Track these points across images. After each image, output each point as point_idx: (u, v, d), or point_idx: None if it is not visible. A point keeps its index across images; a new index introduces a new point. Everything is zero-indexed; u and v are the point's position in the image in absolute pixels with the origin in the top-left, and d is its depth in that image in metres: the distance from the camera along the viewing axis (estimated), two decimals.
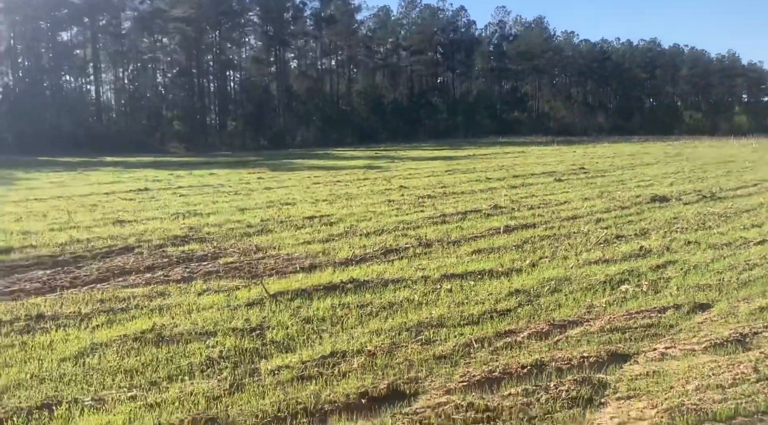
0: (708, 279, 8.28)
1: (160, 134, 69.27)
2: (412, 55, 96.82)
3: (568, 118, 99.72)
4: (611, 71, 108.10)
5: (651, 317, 6.75)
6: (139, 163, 40.72)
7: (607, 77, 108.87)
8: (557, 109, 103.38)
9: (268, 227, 12.97)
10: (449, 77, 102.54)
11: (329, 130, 78.22)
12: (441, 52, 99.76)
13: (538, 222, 13.07)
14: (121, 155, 50.49)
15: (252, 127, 76.63)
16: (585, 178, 23.58)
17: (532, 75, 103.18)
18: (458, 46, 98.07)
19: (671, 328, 6.48)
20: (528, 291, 7.76)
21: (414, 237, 11.51)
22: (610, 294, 7.68)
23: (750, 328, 6.28)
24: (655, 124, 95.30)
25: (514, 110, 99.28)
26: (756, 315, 6.73)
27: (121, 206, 17.45)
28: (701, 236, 11.15)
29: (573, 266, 9.08)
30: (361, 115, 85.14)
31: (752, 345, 5.90)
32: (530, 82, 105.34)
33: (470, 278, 8.45)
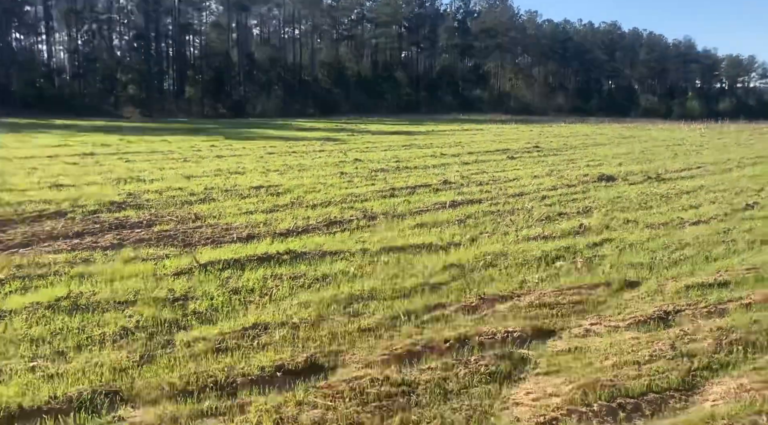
0: (641, 257, 8.37)
1: (114, 98, 67.33)
2: (377, 27, 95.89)
3: (528, 97, 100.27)
4: (573, 52, 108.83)
5: (581, 294, 6.78)
6: (90, 127, 39.48)
7: (569, 58, 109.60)
8: (518, 88, 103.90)
9: (211, 196, 12.68)
10: (413, 52, 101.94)
11: (291, 100, 77.14)
12: (406, 25, 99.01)
13: (484, 198, 13.07)
14: (73, 118, 48.97)
15: (211, 95, 75.05)
16: (538, 156, 23.73)
17: (495, 53, 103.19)
18: (423, 21, 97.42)
19: (599, 305, 6.52)
20: (463, 266, 7.72)
21: (360, 210, 11.39)
22: (545, 271, 7.70)
23: (674, 306, 6.36)
24: (613, 106, 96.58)
25: (476, 88, 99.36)
26: (681, 294, 6.81)
27: (62, 170, 16.88)
28: (641, 215, 11.29)
29: (512, 242, 9.08)
30: (323, 87, 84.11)
31: (674, 322, 5.97)
32: (493, 60, 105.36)
33: (408, 251, 8.37)
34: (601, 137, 36.12)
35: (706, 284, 7.14)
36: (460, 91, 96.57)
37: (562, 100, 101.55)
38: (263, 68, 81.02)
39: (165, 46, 78.96)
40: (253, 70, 79.74)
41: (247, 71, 78.63)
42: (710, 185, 15.70)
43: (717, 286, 7.10)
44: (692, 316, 6.13)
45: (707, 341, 5.44)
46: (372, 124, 50.57)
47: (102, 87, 68.02)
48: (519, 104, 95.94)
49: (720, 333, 5.62)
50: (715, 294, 6.78)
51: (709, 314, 6.20)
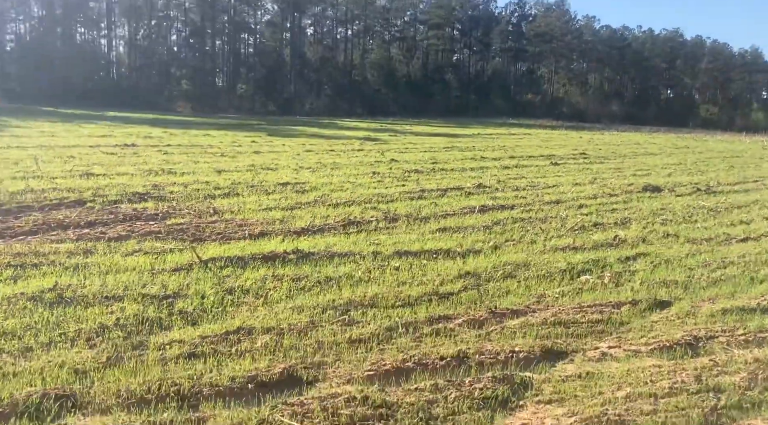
0: (677, 274, 7.69)
1: (168, 92, 68.61)
2: (429, 29, 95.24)
3: (582, 104, 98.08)
4: (630, 59, 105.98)
5: (603, 312, 6.20)
6: (139, 119, 40.18)
7: (626, 65, 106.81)
8: (572, 94, 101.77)
9: (236, 191, 12.45)
10: (465, 54, 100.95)
11: (340, 100, 77.31)
12: (458, 28, 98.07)
13: (518, 204, 12.48)
14: (126, 111, 49.95)
15: (262, 92, 75.83)
16: (583, 163, 22.86)
17: (549, 58, 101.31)
18: (476, 23, 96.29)
19: (621, 326, 5.92)
20: (479, 275, 7.22)
21: (383, 211, 10.96)
22: (568, 284, 7.13)
23: (706, 332, 5.72)
24: (670, 115, 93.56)
25: (528, 92, 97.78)
26: (716, 318, 6.15)
27: (98, 159, 16.99)
28: (683, 229, 10.53)
29: (538, 252, 8.51)
30: (373, 87, 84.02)
31: (703, 350, 5.34)
32: (547, 64, 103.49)
33: (423, 257, 7.91)
34: (652, 146, 34.76)
35: (747, 308, 6.45)
36: (511, 95, 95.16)
37: (616, 108, 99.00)
38: (314, 67, 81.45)
39: (220, 43, 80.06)
40: (304, 68, 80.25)
41: (298, 70, 79.13)
42: (766, 200, 14.69)
43: (760, 312, 6.41)
44: (726, 344, 5.49)
45: (740, 374, 4.81)
46: (417, 126, 50.10)
47: (157, 81, 69.39)
48: (572, 110, 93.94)
49: (756, 366, 4.98)
50: (756, 321, 6.10)
51: (746, 343, 5.55)
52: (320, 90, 79.40)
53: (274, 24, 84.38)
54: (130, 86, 68.32)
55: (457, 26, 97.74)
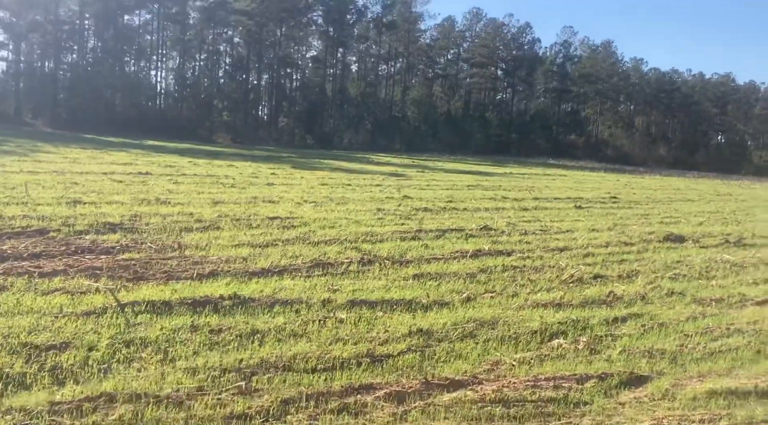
0: (668, 342, 6.63)
1: (209, 123, 69.67)
2: (472, 67, 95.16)
3: (627, 146, 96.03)
4: (679, 103, 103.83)
5: (561, 387, 5.21)
6: (173, 149, 40.54)
7: (674, 109, 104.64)
8: (617, 137, 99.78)
9: (218, 224, 11.82)
10: (508, 94, 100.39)
11: (379, 135, 77.34)
12: (502, 67, 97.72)
13: (518, 250, 11.49)
14: (165, 140, 50.67)
15: (303, 126, 76.51)
16: (611, 207, 21.64)
17: (594, 99, 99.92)
18: (520, 63, 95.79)
19: (577, 408, 4.93)
20: (433, 333, 6.31)
21: (364, 252, 10.13)
22: (534, 349, 6.16)
23: (679, 421, 4.69)
24: (720, 161, 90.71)
25: (572, 133, 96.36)
26: (698, 402, 5.11)
27: (99, 187, 16.68)
28: (693, 287, 9.39)
29: (515, 307, 7.55)
30: (412, 124, 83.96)
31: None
32: (592, 106, 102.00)
33: (380, 308, 7.04)
34: (692, 192, 33.15)
35: (741, 391, 5.38)
36: (553, 136, 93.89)
37: (663, 152, 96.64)
38: (354, 103, 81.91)
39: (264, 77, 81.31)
40: (344, 104, 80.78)
41: (339, 105, 79.69)
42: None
43: (755, 396, 5.34)
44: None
45: None
46: (451, 163, 49.37)
47: (200, 112, 70.57)
48: (616, 153, 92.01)
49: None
50: (747, 409, 5.05)
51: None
52: (360, 125, 79.66)
53: (318, 59, 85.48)
54: (173, 116, 69.76)
55: (500, 65, 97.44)
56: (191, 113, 71.45)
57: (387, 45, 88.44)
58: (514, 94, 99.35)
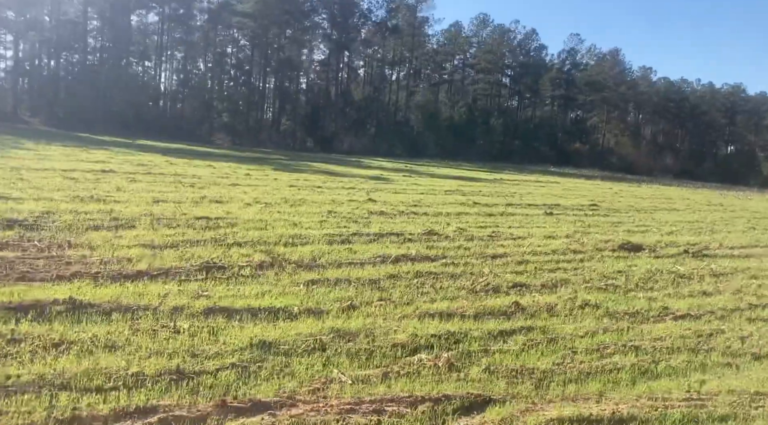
0: (548, 359, 6.00)
1: (208, 125, 69.41)
2: (477, 73, 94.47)
3: (633, 155, 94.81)
4: (688, 112, 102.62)
5: (383, 412, 4.61)
6: (160, 148, 40.19)
7: (683, 118, 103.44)
8: (623, 145, 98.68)
9: (134, 223, 11.27)
10: (512, 100, 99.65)
11: (380, 139, 76.75)
12: (508, 74, 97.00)
13: (449, 256, 10.88)
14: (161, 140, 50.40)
15: (304, 129, 76.18)
16: (585, 215, 20.92)
17: (600, 107, 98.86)
18: (526, 70, 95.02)
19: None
20: (277, 346, 5.71)
21: (271, 254, 9.55)
22: (386, 366, 5.55)
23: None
24: (728, 172, 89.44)
25: (577, 141, 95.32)
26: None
27: (46, 183, 16.22)
28: (618, 298, 8.72)
29: (398, 317, 6.95)
30: (415, 129, 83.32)
31: None
32: (598, 114, 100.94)
33: (239, 317, 6.46)
34: (684, 202, 32.29)
35: (592, 419, 4.73)
36: (558, 143, 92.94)
37: (670, 161, 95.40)
38: (357, 107, 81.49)
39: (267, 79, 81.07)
40: (347, 107, 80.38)
41: (341, 108, 79.28)
42: (761, 268, 12.60)
43: (608, 423, 4.69)
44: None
45: None
46: (446, 168, 48.71)
47: (200, 113, 70.39)
48: (622, 162, 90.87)
49: None
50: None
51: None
52: (362, 129, 79.19)
53: (322, 63, 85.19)
54: (173, 117, 69.65)
55: (506, 72, 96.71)
56: (191, 114, 71.29)
57: (392, 49, 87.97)
58: (520, 101, 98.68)
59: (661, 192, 40.93)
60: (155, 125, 61.98)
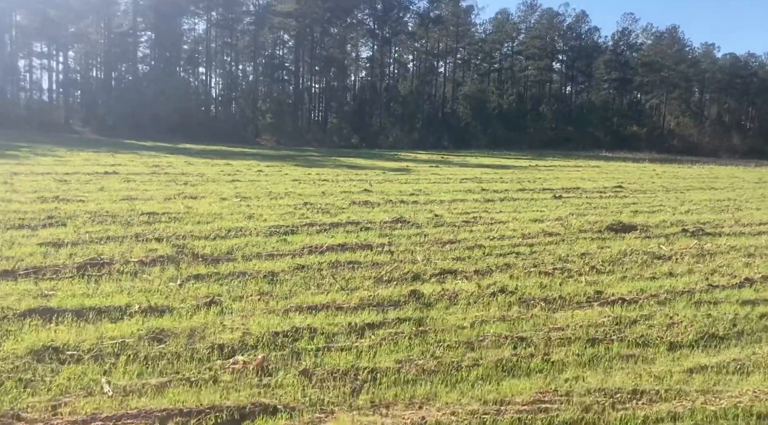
0: (393, 358, 5.04)
1: (253, 126, 70.03)
2: (527, 60, 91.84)
3: (695, 136, 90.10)
4: (757, 88, 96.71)
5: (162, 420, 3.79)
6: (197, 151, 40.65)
7: (751, 95, 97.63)
8: (685, 126, 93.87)
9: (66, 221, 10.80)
10: (565, 86, 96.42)
11: (427, 132, 75.59)
12: (559, 59, 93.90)
13: (391, 243, 9.94)
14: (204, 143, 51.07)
15: (350, 126, 75.81)
16: (598, 197, 19.44)
17: (659, 88, 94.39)
18: (578, 54, 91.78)
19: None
20: (65, 352, 5.00)
21: (185, 248, 8.88)
22: (191, 370, 4.74)
23: None
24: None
25: (634, 125, 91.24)
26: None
27: (30, 186, 16.12)
28: (550, 284, 7.60)
29: (259, 312, 6.14)
30: (462, 120, 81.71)
31: None
32: (657, 95, 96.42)
33: (61, 317, 5.76)
34: (728, 180, 29.96)
35: None
36: (614, 128, 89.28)
37: (737, 141, 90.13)
38: (404, 101, 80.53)
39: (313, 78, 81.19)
40: (392, 102, 79.62)
41: (386, 103, 78.61)
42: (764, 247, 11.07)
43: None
44: None
45: None
46: (487, 158, 47.14)
47: (243, 115, 71.22)
48: (683, 144, 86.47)
49: None
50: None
51: None
52: (408, 123, 78.16)
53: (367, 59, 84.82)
54: (220, 120, 70.61)
55: (557, 57, 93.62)
56: (238, 117, 72.18)
57: (438, 41, 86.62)
58: (572, 86, 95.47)
59: (711, 172, 38.31)
60: (202, 129, 62.94)
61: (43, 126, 53.52)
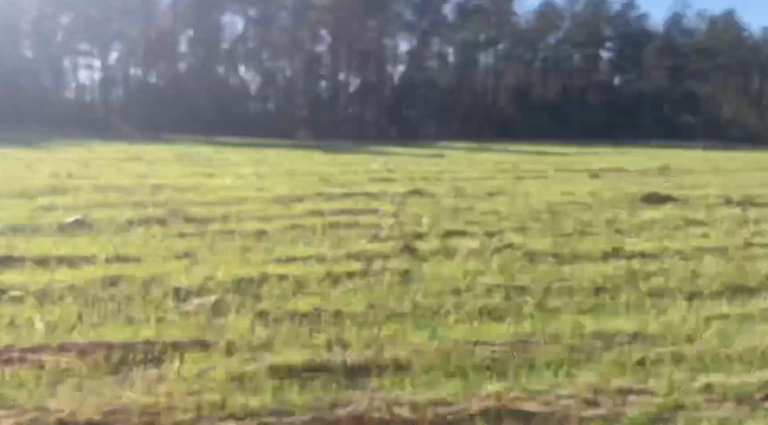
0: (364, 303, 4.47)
1: (291, 121, 70.15)
2: (572, 48, 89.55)
3: (757, 125, 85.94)
4: None
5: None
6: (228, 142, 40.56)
7: None
8: (744, 114, 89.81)
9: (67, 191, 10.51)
10: (613, 75, 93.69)
11: (467, 124, 74.49)
12: (606, 47, 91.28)
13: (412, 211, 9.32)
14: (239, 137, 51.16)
15: (388, 119, 75.28)
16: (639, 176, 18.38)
17: (714, 75, 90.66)
18: (627, 41, 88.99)
19: None
20: (77, 283, 4.63)
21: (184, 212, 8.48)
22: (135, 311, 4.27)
23: None
24: None
25: (687, 113, 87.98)
26: None
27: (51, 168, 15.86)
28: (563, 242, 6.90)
29: (258, 261, 5.66)
30: (504, 110, 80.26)
31: None
32: (712, 82, 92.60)
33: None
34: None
35: None
36: (665, 117, 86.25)
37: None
38: (443, 93, 79.49)
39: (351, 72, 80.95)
40: (430, 93, 78.68)
41: (423, 95, 77.75)
42: None
43: None
44: None
45: None
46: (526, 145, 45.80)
47: (281, 110, 71.48)
48: (742, 132, 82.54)
49: None
50: None
51: None
52: (447, 115, 77.13)
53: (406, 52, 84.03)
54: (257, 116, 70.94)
55: (604, 45, 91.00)
56: (275, 111, 72.51)
57: (478, 32, 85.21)
58: (620, 75, 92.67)
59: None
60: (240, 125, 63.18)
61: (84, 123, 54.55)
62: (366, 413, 2.81)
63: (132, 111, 62.07)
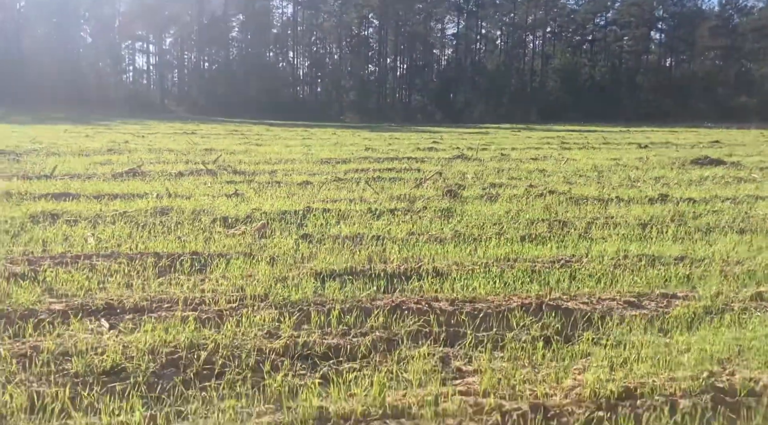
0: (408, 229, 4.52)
1: (338, 105, 70.42)
2: (622, 29, 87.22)
3: None
4: None
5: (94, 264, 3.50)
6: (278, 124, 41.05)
7: None
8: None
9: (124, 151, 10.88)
10: (664, 55, 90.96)
11: (514, 107, 73.44)
12: (658, 27, 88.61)
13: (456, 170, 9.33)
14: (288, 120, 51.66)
15: (434, 102, 74.83)
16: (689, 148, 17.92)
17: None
18: (679, 21, 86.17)
19: None
20: (129, 211, 4.86)
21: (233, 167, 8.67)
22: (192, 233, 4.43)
23: None
24: None
25: (742, 95, 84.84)
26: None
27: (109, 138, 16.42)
28: (609, 192, 6.78)
29: (303, 200, 5.78)
30: (552, 93, 78.81)
31: None
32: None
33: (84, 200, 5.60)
34: None
35: None
36: (719, 99, 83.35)
37: None
38: (490, 76, 78.53)
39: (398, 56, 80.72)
40: (478, 76, 77.85)
41: (471, 78, 76.97)
42: None
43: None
44: None
45: None
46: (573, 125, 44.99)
47: (329, 94, 71.81)
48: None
49: None
50: None
51: None
52: (494, 98, 76.22)
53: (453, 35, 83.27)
54: (306, 99, 71.55)
55: (656, 25, 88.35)
56: (323, 95, 72.93)
57: (526, 13, 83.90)
58: (672, 55, 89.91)
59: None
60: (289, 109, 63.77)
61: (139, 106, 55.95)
62: (404, 303, 2.85)
63: (186, 95, 63.38)
